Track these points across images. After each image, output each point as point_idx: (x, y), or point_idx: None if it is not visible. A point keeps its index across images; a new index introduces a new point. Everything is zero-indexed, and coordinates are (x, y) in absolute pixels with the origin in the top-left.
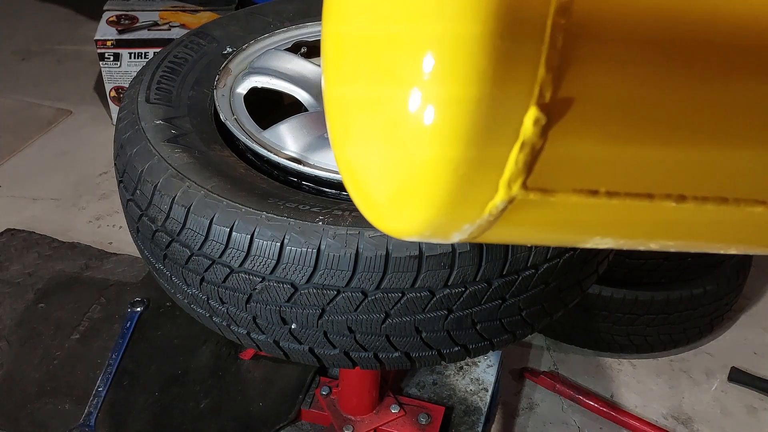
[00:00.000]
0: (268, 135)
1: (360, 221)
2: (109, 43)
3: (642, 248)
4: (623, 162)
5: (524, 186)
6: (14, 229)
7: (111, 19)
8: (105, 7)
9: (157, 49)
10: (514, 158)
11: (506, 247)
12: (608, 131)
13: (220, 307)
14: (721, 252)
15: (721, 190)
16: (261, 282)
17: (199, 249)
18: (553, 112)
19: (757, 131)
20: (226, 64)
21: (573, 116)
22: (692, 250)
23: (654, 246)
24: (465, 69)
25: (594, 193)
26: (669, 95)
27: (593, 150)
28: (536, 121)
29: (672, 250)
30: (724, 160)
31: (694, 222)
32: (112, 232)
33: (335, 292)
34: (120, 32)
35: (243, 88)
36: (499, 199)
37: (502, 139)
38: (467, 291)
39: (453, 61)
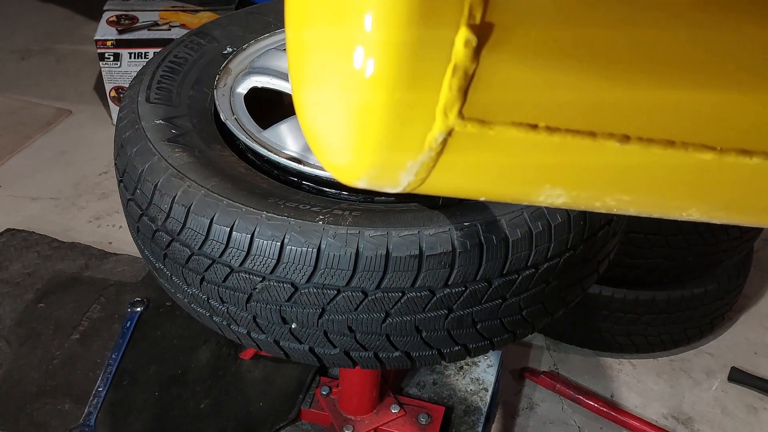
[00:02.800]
0: (268, 134)
1: (360, 221)
2: (109, 43)
3: (599, 206)
4: (561, 93)
5: (461, 115)
6: (14, 229)
7: (111, 19)
8: (105, 7)
9: (157, 49)
10: (447, 83)
11: (506, 246)
12: (542, 57)
13: (220, 307)
14: (683, 217)
15: (666, 132)
16: (261, 281)
17: (200, 248)
18: (484, 33)
19: (705, 67)
20: (226, 63)
21: (504, 38)
22: (652, 212)
23: (611, 202)
24: None
25: (533, 127)
26: (606, 18)
27: (528, 77)
28: (467, 42)
29: (632, 211)
30: (668, 98)
31: (643, 170)
32: (112, 232)
33: (335, 292)
34: (120, 32)
35: (243, 88)
36: (437, 129)
37: (434, 63)
38: (467, 290)
39: None
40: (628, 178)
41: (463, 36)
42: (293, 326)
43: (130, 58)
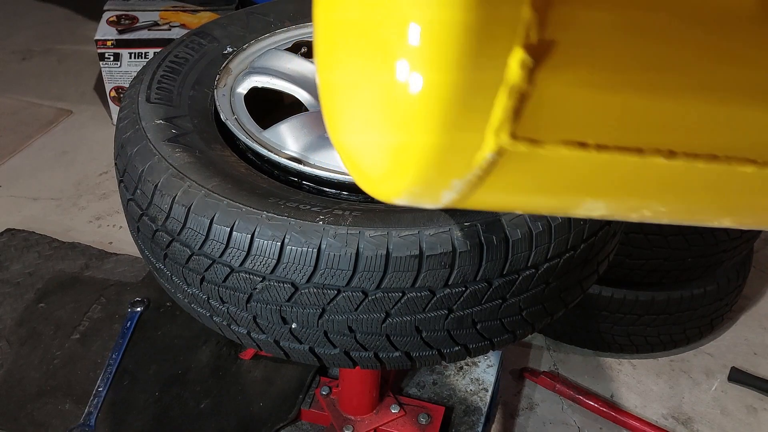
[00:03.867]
0: (268, 135)
1: (360, 221)
2: (109, 43)
3: (635, 217)
4: (613, 112)
5: (512, 135)
6: (14, 229)
7: (111, 19)
8: (105, 7)
9: (157, 49)
10: (500, 104)
11: (507, 246)
12: (597, 77)
13: (220, 307)
14: (715, 224)
15: (711, 147)
16: (261, 281)
17: (200, 248)
18: (539, 55)
19: (749, 86)
20: (227, 63)
21: (560, 60)
22: (686, 221)
23: (647, 213)
24: (446, 10)
25: (583, 145)
26: (662, 41)
27: (582, 97)
28: (522, 64)
29: (665, 220)
30: (714, 115)
31: (684, 183)
32: (112, 232)
33: (336, 292)
34: (120, 32)
35: (243, 88)
36: (487, 149)
37: (488, 83)
38: (468, 290)
39: (433, 3)
40: (669, 190)
41: (518, 56)
42: (293, 326)
43: (130, 58)
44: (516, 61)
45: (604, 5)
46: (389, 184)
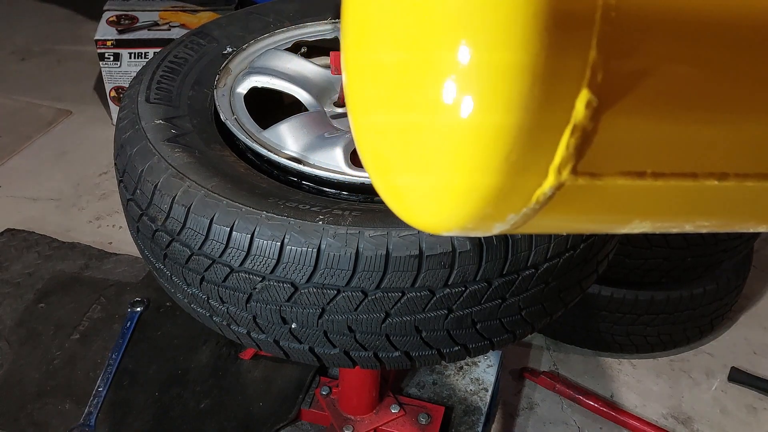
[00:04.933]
0: (268, 135)
1: (360, 221)
2: (109, 43)
3: (676, 230)
4: (671, 143)
5: (574, 171)
6: (14, 229)
7: (111, 19)
8: (105, 7)
9: (157, 49)
10: (565, 143)
11: (506, 246)
12: (658, 112)
13: (220, 307)
14: (751, 230)
15: (761, 166)
16: (261, 281)
17: (200, 248)
18: (604, 95)
19: None
20: (226, 63)
21: (624, 98)
22: (725, 230)
23: (689, 227)
24: (514, 55)
25: (641, 175)
26: (721, 74)
27: (643, 131)
28: (588, 104)
29: (705, 230)
30: (765, 136)
31: (732, 200)
32: (112, 232)
33: (335, 292)
34: (120, 32)
35: (243, 88)
36: (548, 185)
37: (553, 124)
38: (467, 290)
39: (499, 48)
40: (716, 208)
41: (584, 97)
42: (293, 326)
43: (130, 58)
44: (582, 101)
45: (666, 46)
46: (441, 219)
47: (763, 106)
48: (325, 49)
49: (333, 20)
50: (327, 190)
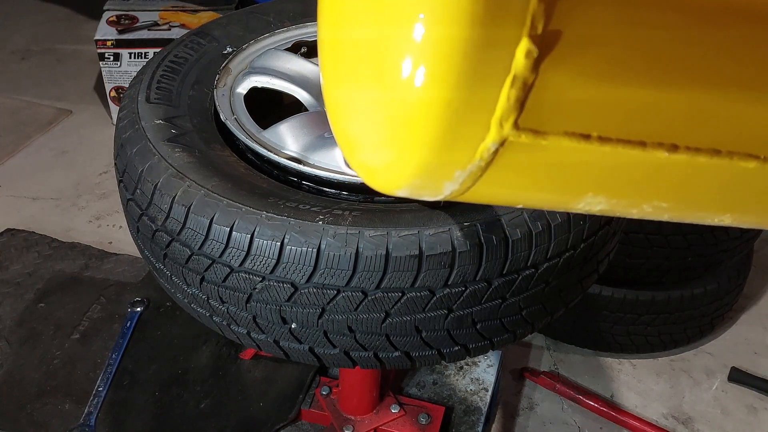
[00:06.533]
0: (268, 135)
1: (360, 220)
2: (109, 43)
3: (635, 213)
4: (616, 104)
5: (516, 125)
6: (14, 229)
7: (111, 19)
8: (105, 7)
9: (157, 49)
10: (506, 94)
11: (506, 246)
12: (601, 69)
13: (220, 307)
14: (716, 222)
15: (713, 141)
16: (261, 281)
17: (200, 248)
18: (545, 45)
19: (752, 80)
20: (226, 63)
21: (565, 50)
22: (686, 218)
23: (648, 209)
24: (452, 4)
25: (586, 137)
26: (665, 35)
27: (585, 89)
28: (528, 54)
29: (666, 217)
30: (717, 109)
31: (686, 178)
32: (112, 232)
33: (335, 292)
34: (120, 32)
35: (243, 88)
36: (490, 139)
37: (493, 73)
38: (467, 290)
39: None
40: (670, 185)
41: (524, 47)
42: (293, 326)
43: (130, 58)
44: (522, 51)
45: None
46: (392, 175)
47: (712, 77)
48: None
49: None
50: (327, 190)
